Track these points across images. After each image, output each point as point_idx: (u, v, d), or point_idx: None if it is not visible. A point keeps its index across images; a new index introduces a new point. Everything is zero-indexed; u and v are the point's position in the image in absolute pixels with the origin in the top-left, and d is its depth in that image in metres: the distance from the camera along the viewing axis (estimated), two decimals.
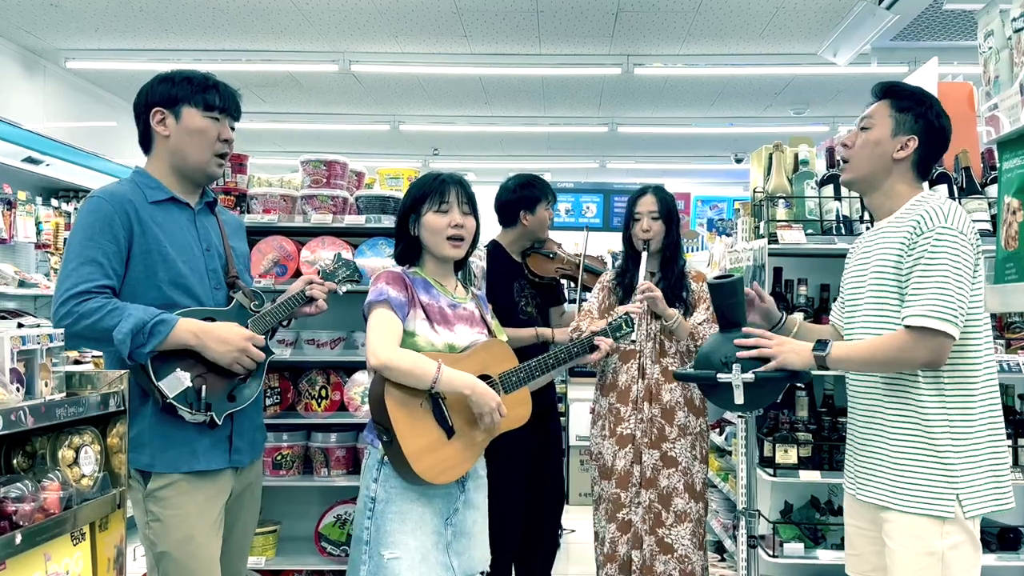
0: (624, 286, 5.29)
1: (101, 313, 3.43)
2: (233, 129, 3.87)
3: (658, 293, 5.01)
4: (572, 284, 6.12)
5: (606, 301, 5.34)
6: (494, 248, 5.99)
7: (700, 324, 5.11)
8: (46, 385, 2.73)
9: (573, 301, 6.90)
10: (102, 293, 3.48)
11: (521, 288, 5.88)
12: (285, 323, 4.00)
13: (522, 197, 5.93)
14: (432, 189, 3.93)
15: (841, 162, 3.91)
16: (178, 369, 3.55)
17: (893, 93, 3.72)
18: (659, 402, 5.14)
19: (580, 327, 5.09)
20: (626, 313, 4.44)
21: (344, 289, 4.29)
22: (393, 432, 3.63)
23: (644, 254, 5.17)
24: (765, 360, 3.73)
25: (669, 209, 5.25)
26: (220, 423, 3.67)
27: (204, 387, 3.61)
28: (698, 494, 5.14)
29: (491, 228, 4.62)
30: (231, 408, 3.72)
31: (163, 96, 3.75)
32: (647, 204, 5.25)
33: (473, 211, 3.98)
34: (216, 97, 3.76)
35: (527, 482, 5.70)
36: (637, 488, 5.12)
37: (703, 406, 5.20)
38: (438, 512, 3.82)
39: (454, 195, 3.92)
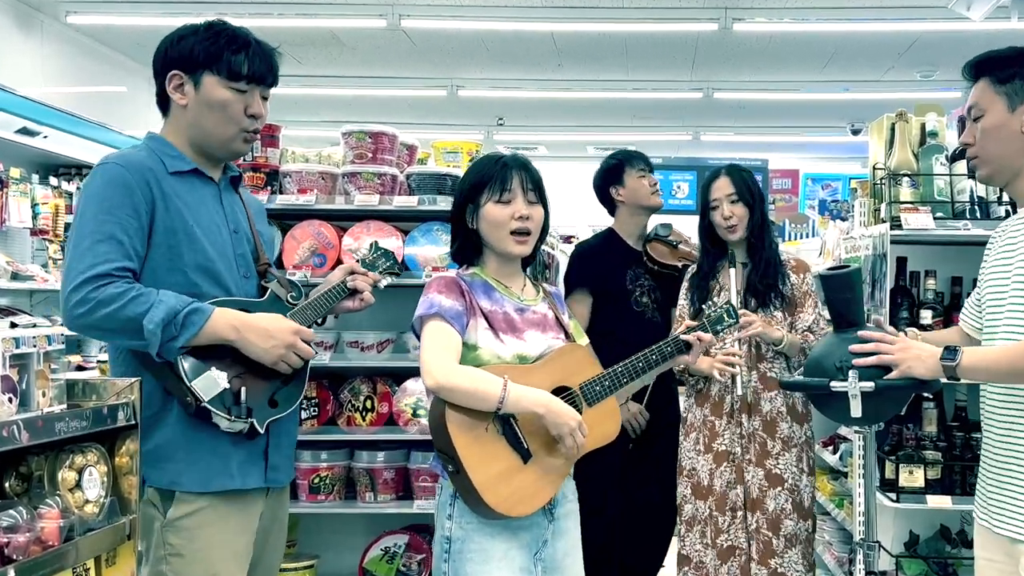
0: (701, 289, 5.32)
1: (124, 299, 3.37)
2: (267, 99, 3.81)
3: (759, 324, 5.03)
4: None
5: (694, 302, 5.33)
6: (609, 234, 6.16)
7: (809, 330, 5.11)
8: (43, 395, 2.73)
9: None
10: (123, 276, 3.41)
11: (636, 276, 5.96)
12: (319, 321, 3.98)
13: (605, 171, 6.12)
14: (491, 175, 3.89)
15: (968, 162, 3.86)
16: (213, 368, 3.52)
17: (986, 68, 3.66)
18: (759, 413, 5.15)
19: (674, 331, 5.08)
20: (728, 302, 4.38)
21: (385, 282, 4.27)
22: (459, 461, 3.60)
23: (732, 272, 5.14)
24: (886, 366, 3.67)
25: (749, 187, 5.28)
26: (262, 431, 3.63)
27: (243, 388, 3.58)
28: (806, 511, 5.18)
29: (563, 215, 4.58)
30: (274, 415, 3.67)
31: (181, 57, 3.68)
32: (722, 187, 5.28)
33: (541, 199, 3.93)
34: (244, 62, 3.67)
35: (630, 509, 5.77)
36: (742, 512, 5.10)
37: (806, 410, 5.21)
38: (525, 546, 3.79)
39: (517, 181, 3.87)
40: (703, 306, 4.67)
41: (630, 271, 5.96)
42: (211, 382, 3.50)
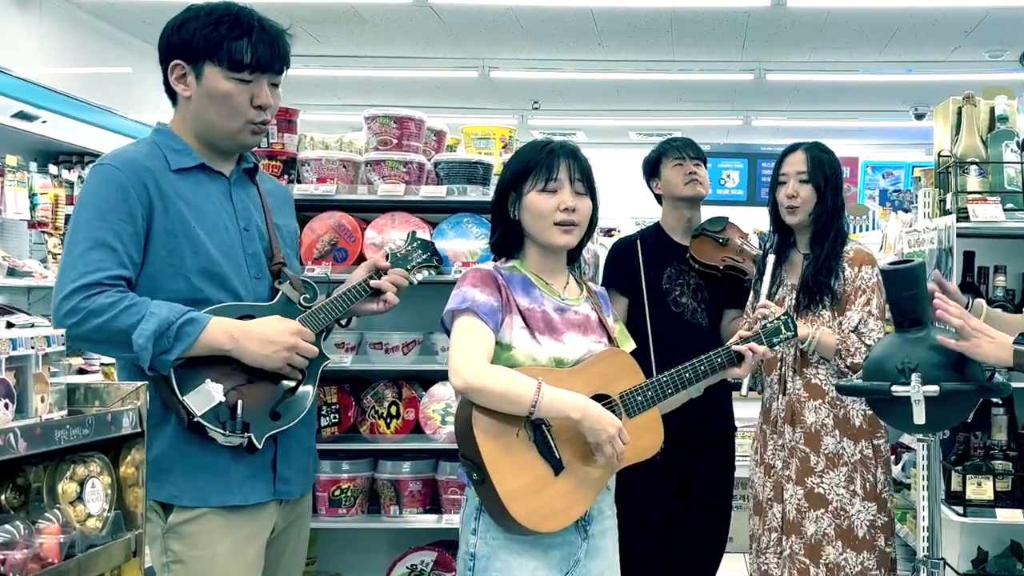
0: (773, 276, 5.21)
1: (116, 310, 3.42)
2: (277, 86, 3.80)
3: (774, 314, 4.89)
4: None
5: (753, 295, 5.27)
6: (654, 229, 6.15)
7: (855, 330, 4.96)
8: (42, 401, 2.73)
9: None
10: (116, 286, 3.47)
11: (676, 274, 5.91)
12: (343, 322, 3.97)
13: (646, 166, 6.14)
14: (537, 162, 3.88)
15: None
16: (208, 380, 3.55)
17: None
18: (801, 425, 5.05)
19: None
20: (786, 313, 4.35)
21: (419, 277, 4.25)
22: (485, 469, 3.59)
23: (770, 259, 5.10)
24: (953, 368, 3.64)
25: (823, 170, 5.14)
26: (260, 446, 3.64)
27: (240, 402, 3.60)
28: (859, 541, 4.98)
29: (603, 207, 4.56)
30: (275, 428, 3.70)
31: (183, 45, 3.69)
32: (795, 163, 5.16)
33: (589, 190, 3.93)
34: (247, 50, 3.66)
35: (676, 523, 5.74)
36: (777, 534, 5.04)
37: (867, 426, 5.05)
38: (555, 566, 3.79)
39: (564, 170, 3.86)
40: (759, 310, 4.59)
41: (669, 268, 5.92)
42: (205, 396, 3.54)
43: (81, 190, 3.63)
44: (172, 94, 3.78)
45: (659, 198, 6.15)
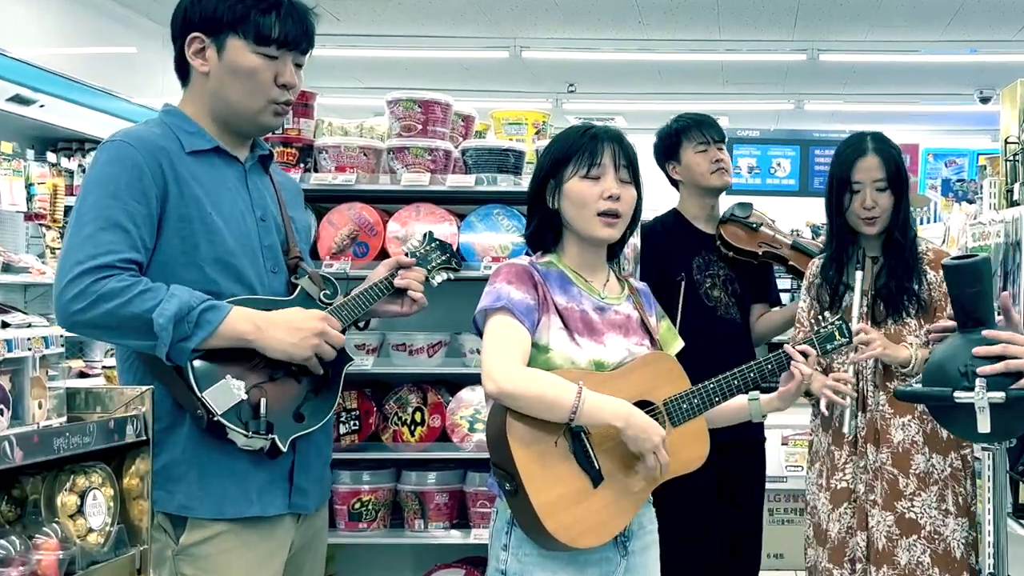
0: (831, 285, 5.15)
1: (130, 294, 3.37)
2: (300, 66, 3.80)
3: (879, 345, 4.82)
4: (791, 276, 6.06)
5: (813, 305, 5.20)
6: (672, 217, 6.06)
7: None
8: (40, 406, 2.74)
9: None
10: (128, 269, 3.43)
11: (706, 265, 5.88)
12: (360, 324, 3.95)
13: (660, 145, 6.05)
14: (579, 147, 3.87)
15: None
16: (228, 376, 3.52)
17: None
18: (887, 444, 4.96)
19: (794, 339, 5.01)
20: (841, 318, 4.31)
21: (438, 280, 4.24)
22: (519, 479, 3.59)
23: (858, 274, 5.00)
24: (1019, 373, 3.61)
25: (898, 168, 5.05)
26: (285, 449, 3.62)
27: (263, 400, 3.57)
28: (958, 564, 4.93)
29: (654, 197, 4.54)
30: (299, 431, 3.67)
31: (203, 17, 3.67)
32: (870, 169, 5.02)
33: (634, 178, 3.92)
34: (275, 24, 3.65)
35: (713, 541, 5.71)
36: (862, 565, 4.95)
37: (954, 438, 4.98)
38: None
39: (609, 156, 3.85)
40: (819, 317, 4.55)
41: (699, 258, 5.89)
42: (226, 392, 3.50)
43: (90, 167, 3.58)
44: (183, 72, 3.76)
45: (674, 182, 6.09)
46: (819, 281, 5.20)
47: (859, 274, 4.98)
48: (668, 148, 6.00)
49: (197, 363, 3.48)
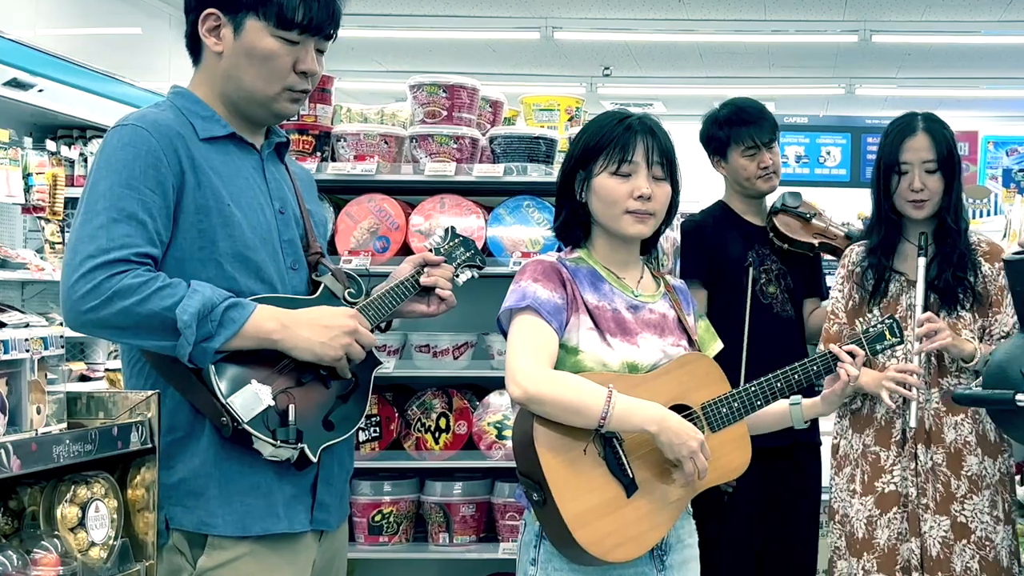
0: (877, 271, 5.11)
1: (148, 290, 3.29)
2: (323, 52, 3.75)
3: (947, 335, 4.80)
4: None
5: (853, 296, 5.17)
6: (721, 207, 6.02)
7: (1008, 336, 4.85)
8: (38, 412, 2.74)
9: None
10: (144, 264, 3.35)
11: (760, 259, 5.83)
12: (382, 326, 3.93)
13: (705, 137, 5.99)
14: (611, 139, 3.83)
15: None
16: (253, 380, 3.46)
17: None
18: (940, 444, 4.92)
19: (828, 332, 5.04)
20: (891, 316, 4.30)
21: (463, 278, 4.22)
22: (547, 489, 3.57)
23: (921, 260, 4.98)
24: None
25: (951, 151, 5.01)
26: (316, 459, 3.55)
27: (292, 406, 3.51)
28: (1005, 573, 4.92)
29: (685, 188, 4.51)
30: (329, 439, 3.60)
31: None
32: (920, 148, 4.97)
33: (670, 175, 3.88)
34: (299, 6, 3.58)
35: (760, 558, 5.69)
36: (919, 574, 4.92)
37: (1001, 440, 4.98)
38: None
39: (642, 151, 3.81)
40: (863, 316, 4.50)
41: (752, 253, 5.83)
42: (252, 398, 3.42)
43: (100, 153, 3.50)
44: (195, 51, 3.70)
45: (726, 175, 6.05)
46: (861, 269, 5.15)
47: (922, 260, 4.92)
48: (714, 145, 5.93)
49: (220, 366, 3.42)
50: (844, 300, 5.13)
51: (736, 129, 5.83)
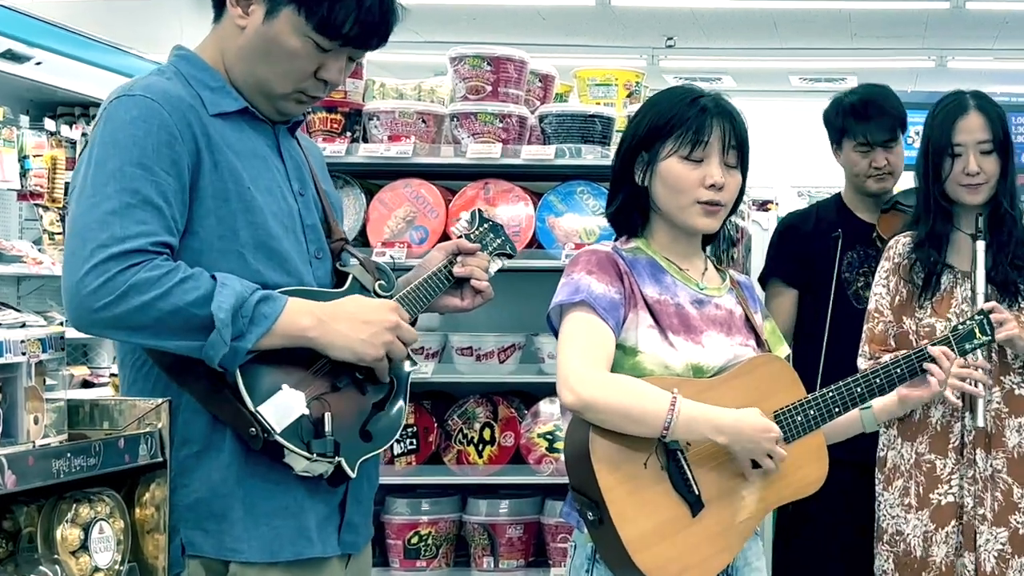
0: (926, 264, 5.09)
1: (168, 283, 3.22)
2: (354, 60, 3.68)
3: (1014, 326, 4.74)
4: None
5: (901, 291, 5.15)
6: (834, 203, 6.11)
7: None
8: (36, 422, 2.73)
9: None
10: (162, 254, 3.29)
11: (860, 260, 5.84)
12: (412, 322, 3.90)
13: (827, 119, 6.03)
14: (683, 119, 3.80)
15: None
16: (285, 386, 3.40)
17: None
18: (1001, 448, 4.93)
19: (872, 331, 5.03)
20: (982, 311, 4.27)
21: (494, 268, 4.18)
22: (603, 507, 3.54)
23: (980, 244, 4.96)
24: None
25: (1004, 129, 5.06)
26: (355, 475, 3.50)
27: (328, 415, 3.45)
28: None
29: (756, 172, 4.48)
30: (367, 452, 3.56)
31: None
32: (973, 128, 5.00)
33: (741, 162, 3.87)
34: (350, 17, 3.48)
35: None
36: None
37: None
38: None
39: (718, 136, 3.79)
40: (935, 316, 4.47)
41: (851, 253, 5.86)
42: (283, 406, 3.35)
43: (102, 127, 3.40)
44: (219, 5, 3.61)
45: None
46: (908, 262, 5.14)
47: (980, 244, 4.93)
48: (833, 129, 6.00)
49: (247, 369, 3.35)
50: (890, 296, 5.11)
51: (851, 121, 5.89)
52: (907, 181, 6.08)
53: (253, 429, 3.32)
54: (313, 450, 3.38)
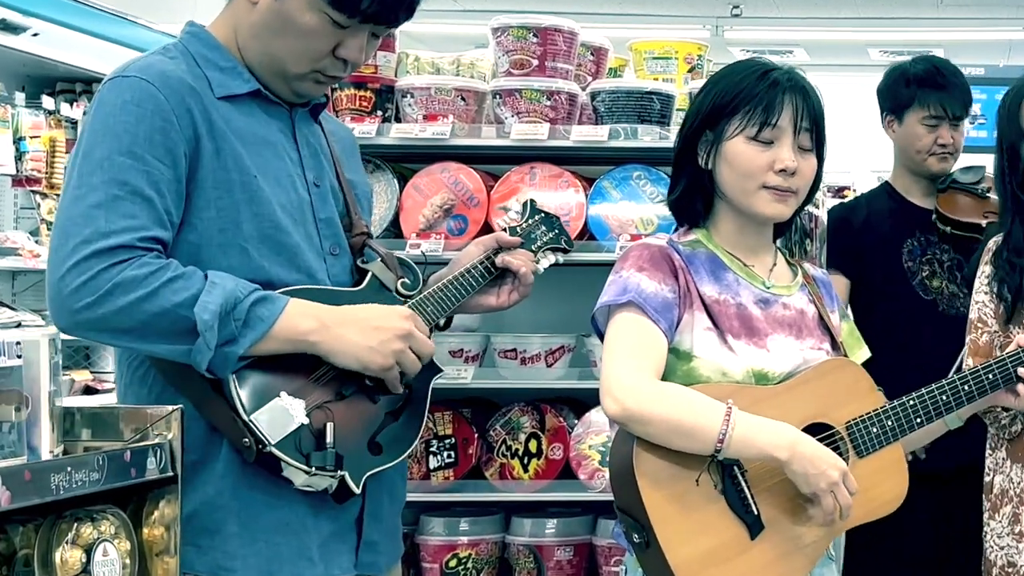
0: (1017, 272, 5.06)
1: (156, 283, 3.25)
2: (378, 37, 3.68)
3: None
4: None
5: (1004, 300, 5.11)
6: (883, 192, 6.09)
7: None
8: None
9: None
10: (151, 250, 3.31)
11: (922, 248, 5.84)
12: (441, 322, 3.89)
13: (886, 88, 6.01)
14: (752, 95, 3.78)
15: None
16: (283, 393, 3.42)
17: None
18: None
19: (976, 343, 4.94)
20: None
21: (544, 265, 4.17)
22: (650, 528, 3.54)
23: None
24: None
25: None
26: (358, 491, 3.52)
27: (330, 425, 3.48)
28: None
29: (833, 156, 4.47)
30: (376, 466, 3.57)
31: None
32: None
33: (817, 144, 3.85)
34: None
35: None
36: None
37: None
38: None
39: (790, 115, 3.77)
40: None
41: (911, 241, 5.86)
42: (281, 415, 3.37)
43: (93, 112, 3.44)
44: None
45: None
46: (1004, 269, 5.09)
47: None
48: (894, 99, 5.95)
49: (242, 375, 3.37)
50: (995, 304, 5.06)
51: (925, 91, 5.86)
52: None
53: (246, 440, 3.35)
54: (312, 463, 3.38)
